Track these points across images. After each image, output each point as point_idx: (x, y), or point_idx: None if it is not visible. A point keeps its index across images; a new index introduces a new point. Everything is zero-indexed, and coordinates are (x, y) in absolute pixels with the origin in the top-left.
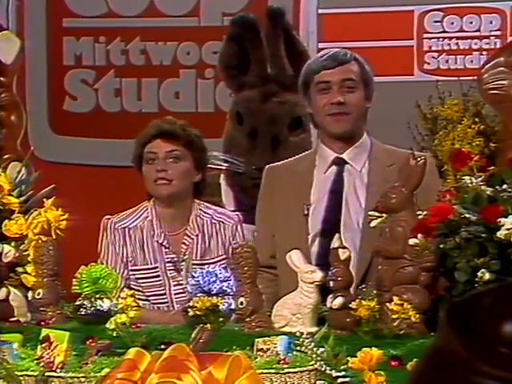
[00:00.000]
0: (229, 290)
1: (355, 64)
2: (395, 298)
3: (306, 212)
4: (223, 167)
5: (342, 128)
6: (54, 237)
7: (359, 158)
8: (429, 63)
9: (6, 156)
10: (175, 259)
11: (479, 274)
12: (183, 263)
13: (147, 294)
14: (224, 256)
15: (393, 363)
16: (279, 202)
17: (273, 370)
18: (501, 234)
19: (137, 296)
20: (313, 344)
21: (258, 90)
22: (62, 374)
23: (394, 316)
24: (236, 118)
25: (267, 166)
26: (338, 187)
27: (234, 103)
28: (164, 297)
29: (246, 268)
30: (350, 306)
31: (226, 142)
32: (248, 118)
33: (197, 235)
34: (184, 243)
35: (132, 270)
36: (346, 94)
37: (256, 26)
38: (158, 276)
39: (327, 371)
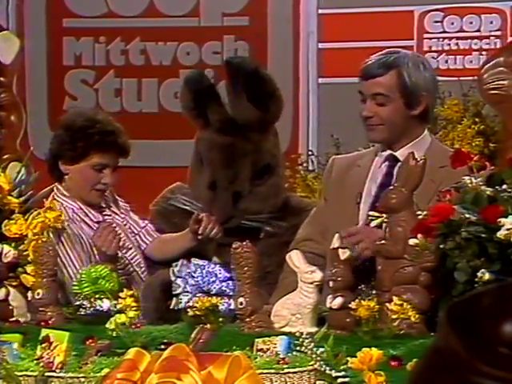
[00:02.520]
0: (228, 291)
1: (392, 75)
2: (395, 298)
3: (358, 200)
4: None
5: (374, 138)
6: None
7: None
8: None
9: (5, 156)
10: None
11: (479, 274)
12: None
13: None
14: None
15: (393, 363)
16: (339, 191)
17: (273, 370)
18: (501, 234)
19: None
20: (312, 344)
21: (220, 137)
22: (61, 374)
23: (394, 316)
24: (199, 156)
25: (333, 156)
26: (387, 182)
27: (197, 138)
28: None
29: (245, 268)
30: (350, 305)
31: (190, 180)
32: (208, 166)
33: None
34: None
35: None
36: (377, 107)
37: (210, 84)
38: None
39: (327, 371)
